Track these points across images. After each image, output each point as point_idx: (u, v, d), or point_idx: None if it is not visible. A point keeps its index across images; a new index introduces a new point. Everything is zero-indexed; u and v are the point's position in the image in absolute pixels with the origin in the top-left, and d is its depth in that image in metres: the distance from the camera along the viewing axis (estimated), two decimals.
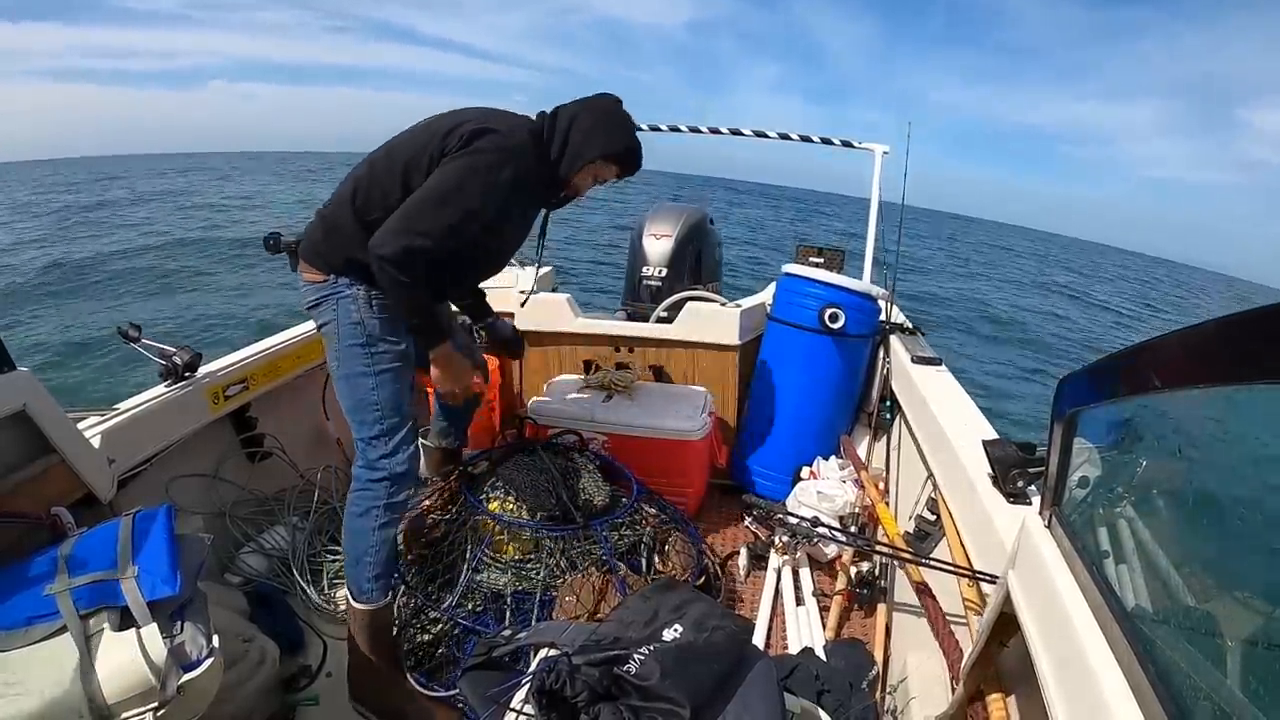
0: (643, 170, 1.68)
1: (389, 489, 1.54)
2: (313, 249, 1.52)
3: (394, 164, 1.47)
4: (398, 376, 1.55)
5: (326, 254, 1.50)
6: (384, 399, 1.52)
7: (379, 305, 1.50)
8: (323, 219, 1.53)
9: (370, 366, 1.51)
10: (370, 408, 1.52)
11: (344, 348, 1.51)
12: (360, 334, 1.50)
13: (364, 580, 1.54)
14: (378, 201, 1.46)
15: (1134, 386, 0.72)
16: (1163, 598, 0.76)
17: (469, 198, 1.41)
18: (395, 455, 1.54)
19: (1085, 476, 0.93)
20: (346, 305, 1.49)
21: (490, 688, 1.11)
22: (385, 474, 1.53)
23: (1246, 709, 0.58)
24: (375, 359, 1.51)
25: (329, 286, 1.50)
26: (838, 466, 2.40)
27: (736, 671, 1.05)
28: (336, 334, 1.51)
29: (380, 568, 1.55)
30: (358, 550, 1.54)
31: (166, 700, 1.06)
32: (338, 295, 1.49)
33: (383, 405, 1.52)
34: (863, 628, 1.94)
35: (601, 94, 1.61)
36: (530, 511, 1.81)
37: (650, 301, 2.94)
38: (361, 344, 1.50)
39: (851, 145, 3.04)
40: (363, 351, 1.51)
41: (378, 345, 1.51)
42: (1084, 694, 0.73)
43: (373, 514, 1.53)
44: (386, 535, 1.55)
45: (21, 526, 1.29)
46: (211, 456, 2.04)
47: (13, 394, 1.34)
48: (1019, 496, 1.37)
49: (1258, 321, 0.49)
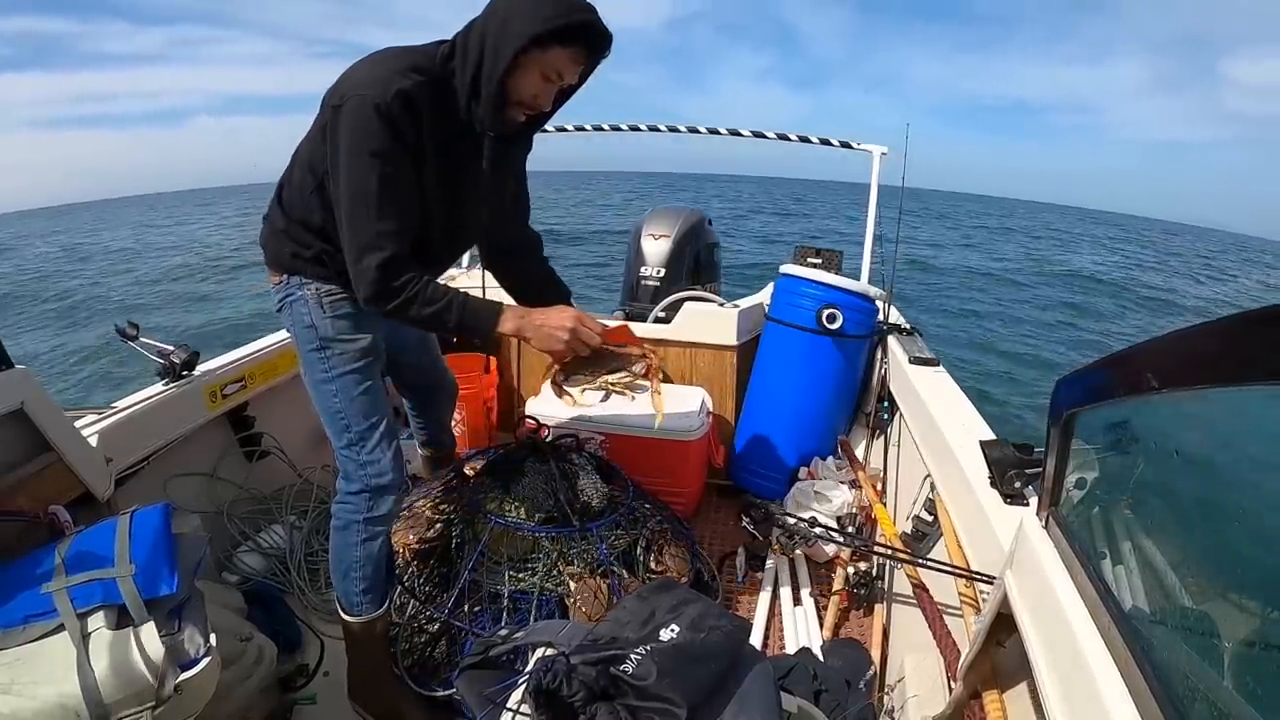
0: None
1: (368, 502, 1.43)
2: (266, 252, 1.43)
3: (300, 152, 1.33)
4: (362, 378, 1.41)
5: (272, 252, 1.40)
6: (347, 405, 1.40)
7: (330, 303, 1.37)
8: (266, 220, 1.43)
9: (328, 371, 1.40)
10: (336, 415, 1.41)
11: (302, 354, 1.42)
12: (313, 338, 1.38)
13: (353, 594, 1.48)
14: (296, 194, 1.34)
15: (1131, 388, 0.72)
16: (1160, 598, 0.76)
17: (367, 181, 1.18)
18: (369, 466, 1.43)
19: (1083, 478, 0.93)
20: (299, 309, 1.38)
21: (487, 687, 1.10)
22: (361, 485, 1.43)
23: (1244, 710, 0.58)
24: (331, 362, 1.39)
25: (284, 288, 1.39)
26: (835, 467, 2.40)
27: (733, 671, 1.05)
28: (295, 339, 1.42)
29: (369, 582, 1.47)
30: (344, 565, 1.47)
31: (164, 699, 1.06)
32: (291, 298, 1.38)
33: (347, 412, 1.41)
34: (860, 628, 1.94)
35: None
36: (528, 512, 1.81)
37: (648, 302, 2.94)
38: (316, 348, 1.39)
39: (850, 146, 3.05)
40: (319, 356, 1.39)
41: (332, 347, 1.38)
42: (1081, 694, 0.73)
43: (354, 529, 1.44)
44: (371, 550, 1.46)
45: (19, 525, 1.29)
46: (209, 455, 2.04)
47: (10, 392, 1.34)
48: (1016, 497, 1.37)
49: (1257, 322, 0.49)
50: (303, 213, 1.32)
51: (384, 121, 1.17)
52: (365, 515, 1.44)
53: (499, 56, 1.18)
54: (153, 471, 1.78)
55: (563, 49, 1.21)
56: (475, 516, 1.80)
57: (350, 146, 1.18)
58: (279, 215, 1.38)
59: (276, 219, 1.39)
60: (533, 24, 1.16)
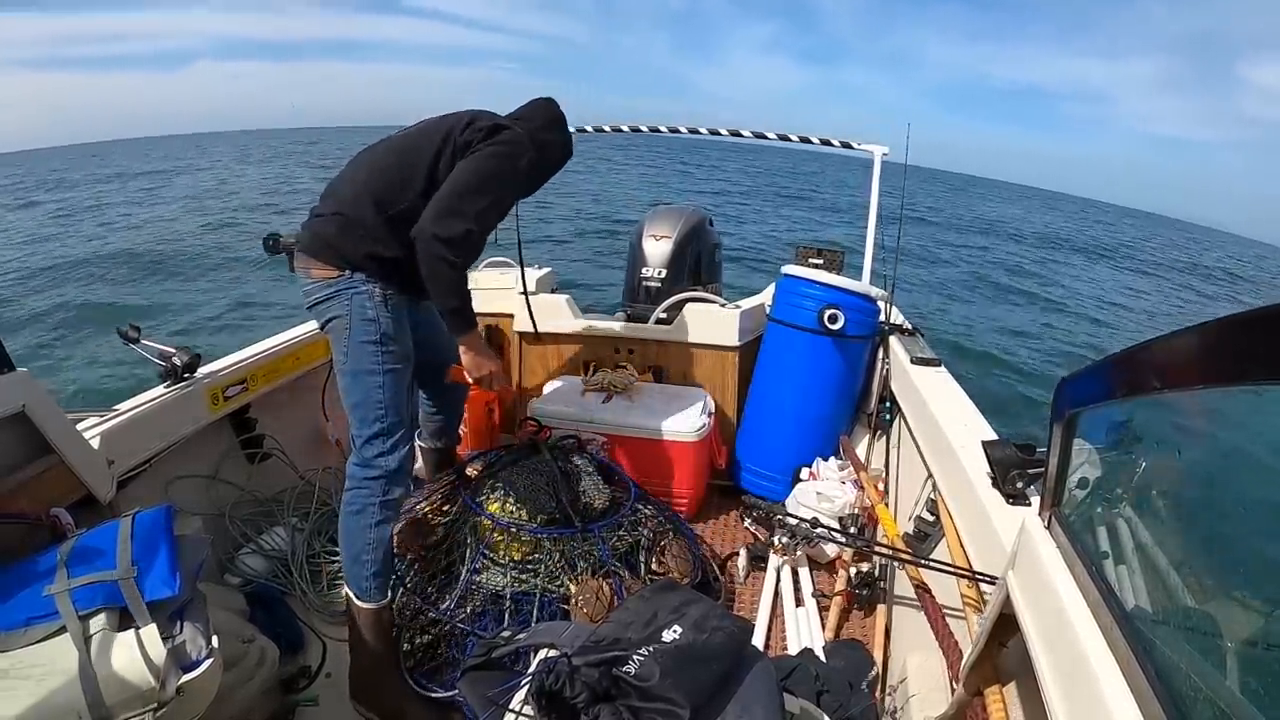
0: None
1: (384, 486, 1.55)
2: (323, 243, 1.53)
3: (414, 158, 1.52)
4: (401, 378, 1.57)
5: (342, 249, 1.51)
6: (388, 398, 1.54)
7: (392, 305, 1.53)
8: (337, 214, 1.53)
9: (380, 364, 1.53)
10: (375, 405, 1.54)
11: (355, 343, 1.52)
12: (375, 331, 1.52)
13: (364, 579, 1.55)
14: (398, 193, 1.50)
15: (1134, 387, 0.72)
16: (1162, 598, 0.76)
17: (501, 185, 1.51)
18: (392, 454, 1.55)
19: (1085, 477, 0.92)
20: (362, 301, 1.51)
21: (490, 688, 1.10)
22: (380, 472, 1.55)
23: (1246, 710, 0.58)
24: (385, 357, 1.53)
25: (343, 281, 1.51)
26: (837, 467, 2.40)
27: (736, 672, 1.05)
28: (348, 329, 1.52)
29: (378, 565, 1.55)
30: (355, 548, 1.55)
31: (166, 701, 1.06)
32: (353, 290, 1.51)
33: (386, 404, 1.54)
34: (862, 628, 1.94)
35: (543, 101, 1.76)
36: (530, 513, 1.81)
37: (650, 302, 2.93)
38: (375, 340, 1.52)
39: (850, 147, 3.04)
40: (375, 348, 1.52)
41: (390, 344, 1.53)
42: (1084, 695, 0.73)
43: (369, 511, 1.54)
44: (383, 533, 1.55)
45: (21, 527, 1.29)
46: (211, 457, 2.04)
47: (12, 395, 1.34)
48: (1018, 497, 1.37)
49: (1258, 321, 0.49)
50: (402, 214, 1.49)
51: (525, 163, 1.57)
52: (381, 499, 1.55)
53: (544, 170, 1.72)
54: (154, 473, 1.78)
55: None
56: (477, 518, 1.80)
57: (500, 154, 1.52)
58: (371, 214, 1.50)
59: (365, 217, 1.50)
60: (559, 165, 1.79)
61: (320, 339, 1.60)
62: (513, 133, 1.55)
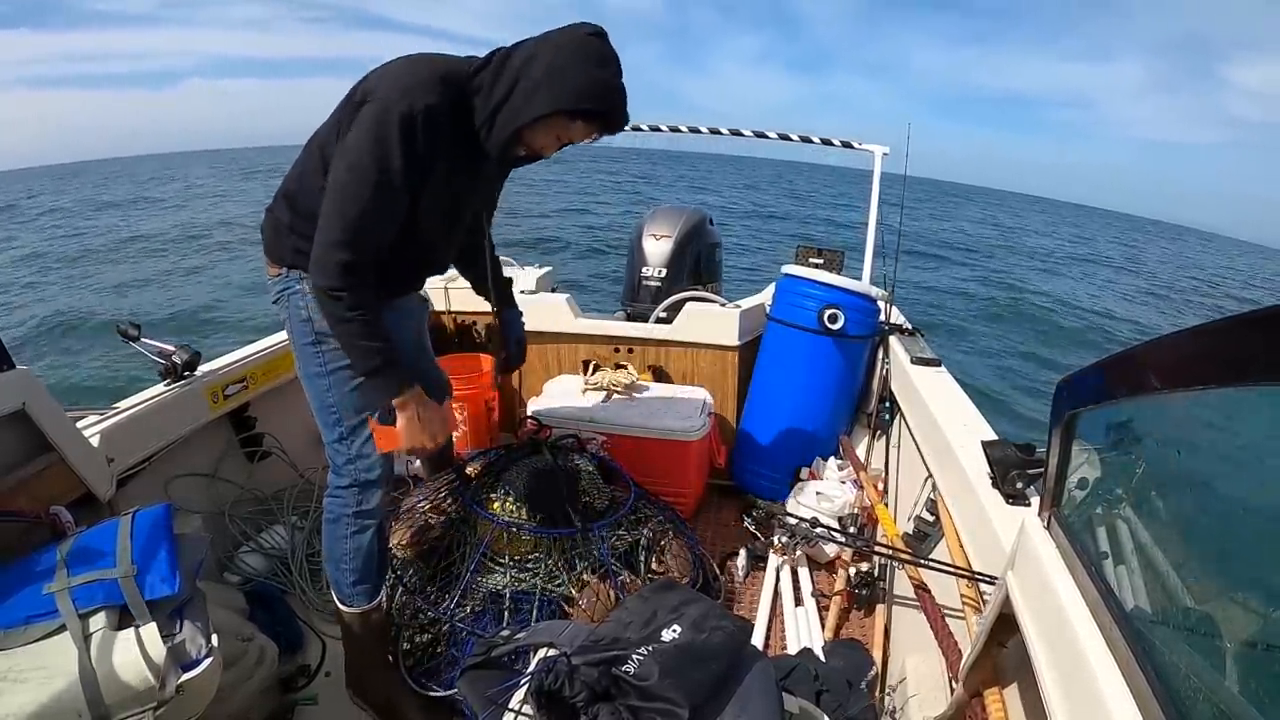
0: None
1: (357, 496, 1.46)
2: (265, 243, 1.43)
3: (314, 145, 1.35)
4: (355, 373, 1.40)
5: (273, 247, 1.41)
6: (339, 399, 1.42)
7: None
8: (269, 212, 1.44)
9: (323, 365, 1.41)
10: (328, 410, 1.43)
11: (297, 347, 1.43)
12: (309, 331, 1.39)
13: (344, 585, 1.50)
14: (306, 187, 1.34)
15: (1133, 388, 0.72)
16: (1162, 599, 0.76)
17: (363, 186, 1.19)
18: (359, 460, 1.44)
19: (1084, 478, 0.93)
20: (296, 301, 1.38)
21: (489, 688, 1.10)
22: (350, 480, 1.45)
23: (1246, 710, 0.58)
24: (326, 357, 1.40)
25: (283, 280, 1.40)
26: (837, 467, 2.40)
27: (735, 672, 1.05)
28: (291, 332, 1.43)
29: (359, 574, 1.49)
30: (334, 555, 1.50)
31: (165, 699, 1.06)
32: (288, 291, 1.39)
33: (339, 406, 1.42)
34: (862, 628, 1.94)
35: (574, 26, 1.25)
36: (529, 513, 1.81)
37: (650, 302, 2.94)
38: (312, 341, 1.40)
39: (851, 146, 3.04)
40: (313, 350, 1.40)
41: (328, 341, 1.37)
42: (1083, 695, 0.73)
43: (343, 522, 1.47)
44: (360, 543, 1.48)
45: (20, 525, 1.29)
46: (210, 456, 2.04)
47: (12, 393, 1.34)
48: (1018, 498, 1.37)
49: (1257, 322, 0.49)
50: (310, 207, 1.29)
51: (401, 133, 1.18)
52: (355, 509, 1.46)
53: (523, 110, 1.21)
54: (154, 472, 1.78)
55: (585, 124, 1.27)
56: (476, 517, 1.80)
57: (362, 145, 1.19)
58: (284, 210, 1.38)
59: (281, 213, 1.39)
60: (567, 98, 1.20)
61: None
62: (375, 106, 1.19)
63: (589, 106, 1.22)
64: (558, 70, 1.19)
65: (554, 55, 1.20)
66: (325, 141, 1.29)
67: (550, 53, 1.20)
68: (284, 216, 1.38)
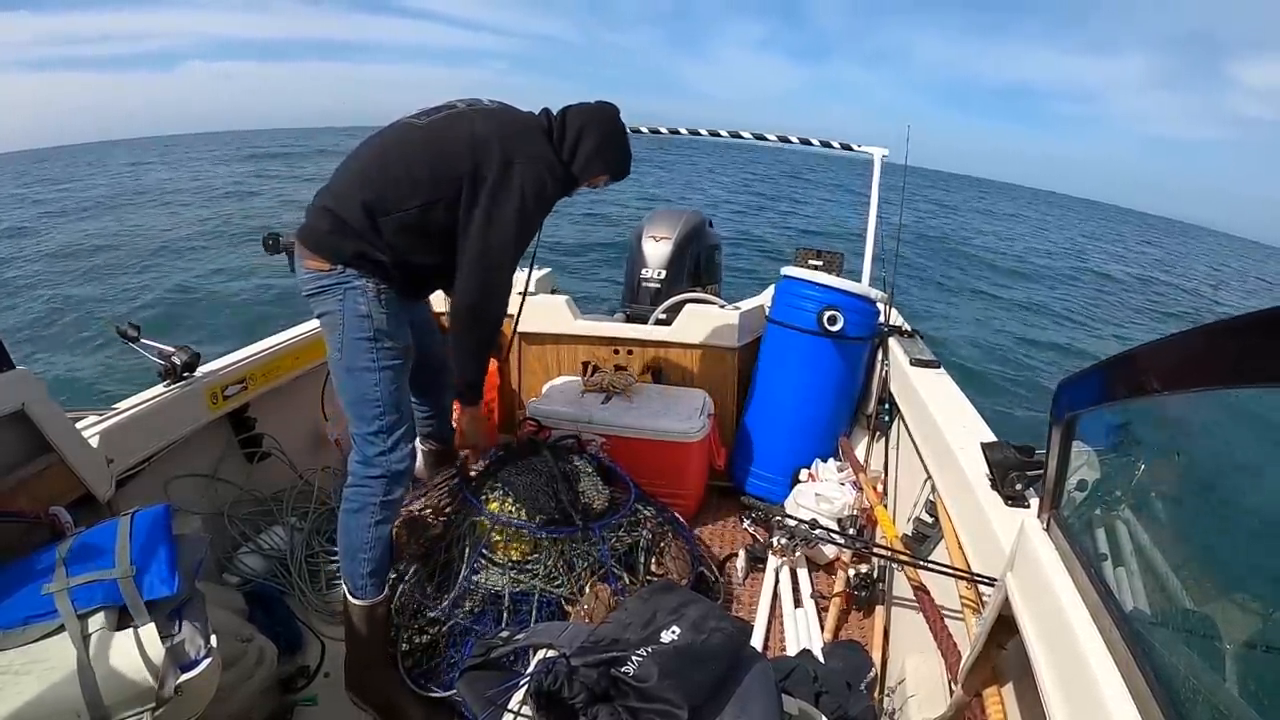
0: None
1: (385, 486, 1.54)
2: (316, 237, 1.49)
3: (411, 170, 1.48)
4: (399, 374, 1.55)
5: (334, 245, 1.48)
6: (385, 395, 1.52)
7: (387, 300, 1.50)
8: (330, 210, 1.49)
9: (375, 362, 1.50)
10: (372, 404, 1.52)
11: (349, 340, 1.50)
12: (368, 327, 1.49)
13: (359, 576, 1.54)
14: (393, 204, 1.47)
15: (1133, 389, 0.72)
16: (1161, 600, 0.76)
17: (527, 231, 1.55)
18: (393, 452, 1.54)
19: (1084, 479, 0.93)
20: (354, 297, 1.48)
21: (489, 688, 1.10)
22: (382, 471, 1.53)
23: (1245, 711, 0.58)
24: (380, 354, 1.50)
25: (335, 276, 1.48)
26: (836, 469, 2.40)
27: (734, 673, 1.05)
28: (341, 325, 1.49)
29: (375, 564, 1.55)
30: (353, 546, 1.54)
31: (164, 700, 1.06)
32: (345, 285, 1.48)
33: (384, 402, 1.52)
34: (861, 629, 1.94)
35: (603, 105, 1.69)
36: (529, 513, 1.81)
37: (649, 303, 2.94)
38: (369, 337, 1.49)
39: (851, 149, 3.05)
40: (369, 345, 1.50)
41: (384, 340, 1.50)
42: (1082, 697, 0.73)
43: (369, 510, 1.53)
44: (381, 533, 1.55)
45: (20, 526, 1.29)
46: (210, 457, 2.04)
47: (12, 393, 1.34)
48: (1017, 499, 1.37)
49: (1257, 324, 0.49)
50: (395, 220, 1.47)
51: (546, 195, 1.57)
52: (381, 499, 1.54)
53: (585, 169, 1.65)
54: (153, 472, 1.78)
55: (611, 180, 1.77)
56: (476, 517, 1.80)
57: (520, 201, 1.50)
58: (359, 216, 1.47)
59: (353, 217, 1.47)
60: (616, 167, 1.73)
61: (319, 338, 1.59)
62: (531, 167, 1.52)
63: (622, 171, 1.76)
64: (607, 144, 1.66)
65: (600, 129, 1.65)
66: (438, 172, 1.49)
67: (596, 129, 1.64)
68: (356, 221, 1.47)
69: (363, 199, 1.47)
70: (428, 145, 1.51)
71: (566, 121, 1.63)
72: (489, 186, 1.49)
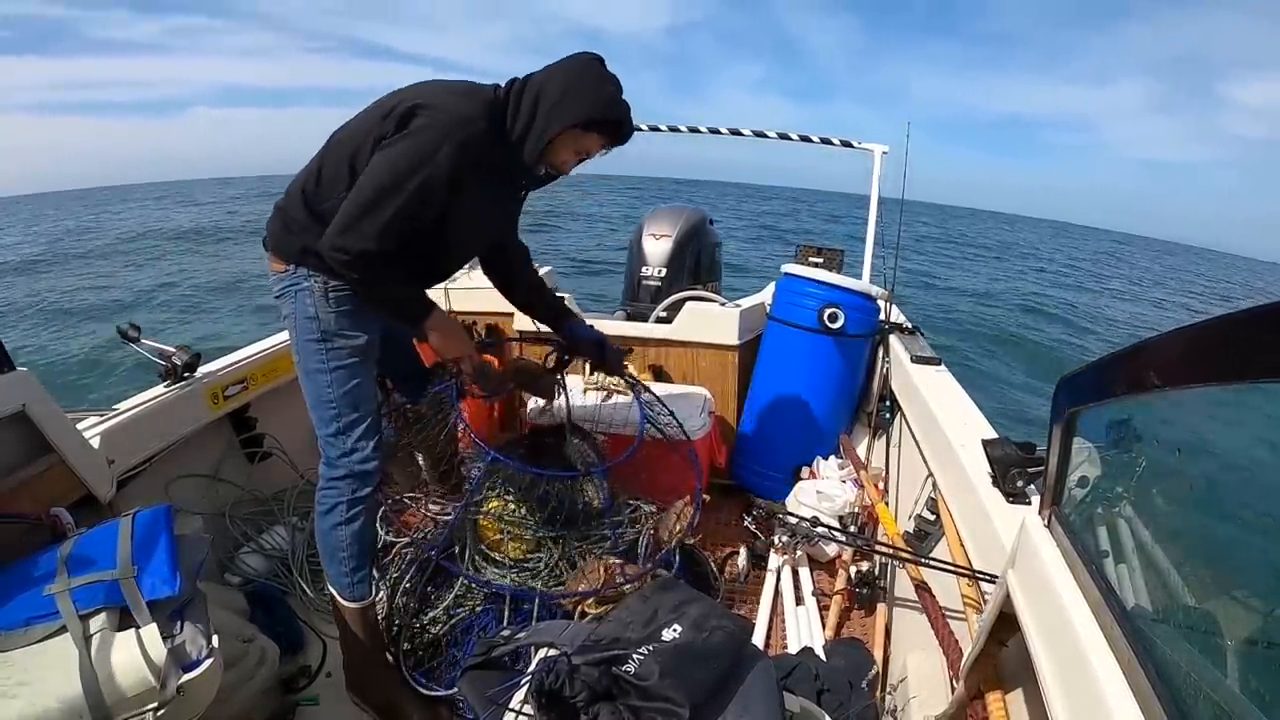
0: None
1: (351, 486, 1.51)
2: (273, 238, 1.48)
3: (341, 151, 1.41)
4: (355, 372, 1.50)
5: (285, 244, 1.45)
6: (339, 396, 1.49)
7: (335, 299, 1.45)
8: (279, 210, 1.48)
9: (325, 362, 1.47)
10: (326, 405, 1.49)
11: (300, 342, 1.48)
12: (315, 329, 1.45)
13: (342, 576, 1.53)
14: (327, 191, 1.40)
15: (1134, 386, 0.71)
16: (1162, 597, 0.75)
17: (402, 190, 1.31)
18: (354, 453, 1.51)
19: (1085, 476, 0.92)
20: (303, 299, 1.44)
21: (490, 687, 1.10)
22: (345, 471, 1.51)
23: (1246, 708, 0.58)
24: (330, 355, 1.47)
25: (289, 277, 1.45)
26: (837, 466, 2.40)
27: (736, 671, 1.05)
28: (294, 328, 1.48)
29: (357, 559, 1.53)
30: (330, 548, 1.53)
31: (166, 700, 1.06)
32: (295, 287, 1.45)
33: (338, 402, 1.49)
34: (862, 627, 1.94)
35: (576, 54, 1.44)
36: (530, 512, 1.81)
37: (650, 302, 2.94)
38: (316, 339, 1.46)
39: (851, 145, 3.05)
40: (318, 347, 1.47)
41: (333, 340, 1.47)
42: (1084, 693, 0.73)
43: (337, 510, 1.51)
44: (354, 530, 1.52)
45: (21, 527, 1.29)
46: (211, 457, 2.04)
47: (12, 394, 1.34)
48: (1018, 496, 1.37)
49: (1258, 320, 0.49)
50: (330, 208, 1.37)
51: (449, 151, 1.32)
52: (349, 497, 1.51)
53: (548, 125, 1.38)
54: (154, 473, 1.78)
55: (598, 135, 1.45)
56: (477, 516, 1.80)
57: (411, 150, 1.32)
58: (300, 209, 1.43)
59: (296, 212, 1.43)
60: (584, 110, 1.39)
61: None
62: (427, 116, 1.32)
63: (600, 116, 1.41)
64: (572, 89, 1.38)
65: (565, 77, 1.39)
66: (356, 150, 1.37)
67: (561, 76, 1.39)
68: (298, 215, 1.43)
69: (303, 190, 1.43)
70: (358, 121, 1.43)
71: (525, 85, 1.41)
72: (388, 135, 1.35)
